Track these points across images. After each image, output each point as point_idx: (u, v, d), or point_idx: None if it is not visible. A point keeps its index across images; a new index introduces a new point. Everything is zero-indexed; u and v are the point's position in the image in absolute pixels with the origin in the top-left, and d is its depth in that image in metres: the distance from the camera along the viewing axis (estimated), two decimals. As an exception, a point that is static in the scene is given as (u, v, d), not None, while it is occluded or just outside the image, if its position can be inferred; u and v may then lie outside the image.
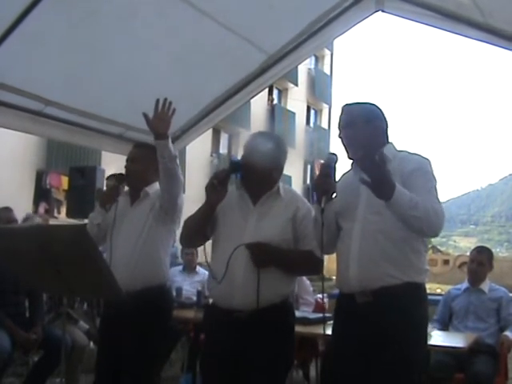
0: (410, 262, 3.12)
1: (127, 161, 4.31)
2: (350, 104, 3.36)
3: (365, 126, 3.24)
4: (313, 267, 3.59)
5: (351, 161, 3.36)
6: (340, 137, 3.30)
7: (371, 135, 3.26)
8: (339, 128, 3.31)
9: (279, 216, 3.51)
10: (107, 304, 4.25)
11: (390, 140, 3.35)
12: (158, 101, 3.71)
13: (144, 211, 4.17)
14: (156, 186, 4.29)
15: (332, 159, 3.18)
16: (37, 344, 5.15)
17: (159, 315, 4.16)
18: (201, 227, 3.58)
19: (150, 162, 4.25)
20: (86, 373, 5.44)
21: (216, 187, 3.44)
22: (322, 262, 3.52)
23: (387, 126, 3.35)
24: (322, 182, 3.14)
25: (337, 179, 3.24)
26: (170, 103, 3.71)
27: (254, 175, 3.51)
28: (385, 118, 3.35)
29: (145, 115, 3.71)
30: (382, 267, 3.07)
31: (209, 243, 3.72)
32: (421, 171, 3.15)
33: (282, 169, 3.66)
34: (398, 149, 3.34)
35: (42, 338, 5.14)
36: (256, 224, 3.49)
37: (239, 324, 3.39)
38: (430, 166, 3.21)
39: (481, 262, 5.65)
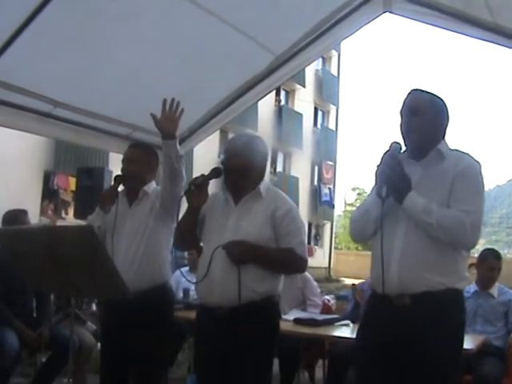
0: (453, 268, 3.03)
1: (124, 161, 4.30)
2: (420, 90, 3.23)
3: (433, 119, 3.15)
4: (294, 265, 3.66)
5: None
6: (401, 123, 3.18)
7: (435, 129, 3.17)
8: (402, 112, 3.19)
9: (258, 215, 3.55)
10: (109, 305, 4.24)
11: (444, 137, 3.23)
12: (165, 101, 3.74)
13: (144, 211, 4.18)
14: (153, 185, 4.31)
15: (396, 148, 3.09)
16: (44, 344, 5.16)
17: (162, 314, 4.20)
18: (189, 230, 3.66)
19: (147, 161, 4.29)
20: (93, 373, 5.44)
21: (193, 192, 3.51)
22: (304, 259, 3.61)
23: (448, 124, 3.23)
24: (385, 171, 3.03)
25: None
26: (178, 103, 3.74)
27: (233, 177, 3.57)
28: (448, 115, 3.22)
29: (153, 115, 3.74)
30: (425, 271, 2.96)
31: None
32: (467, 175, 3.03)
33: (261, 169, 3.68)
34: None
35: (48, 338, 5.15)
36: (236, 223, 3.55)
37: (221, 321, 3.45)
38: (480, 169, 3.07)
39: (499, 268, 5.60)
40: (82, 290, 3.68)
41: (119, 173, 4.32)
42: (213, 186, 3.60)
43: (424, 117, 3.12)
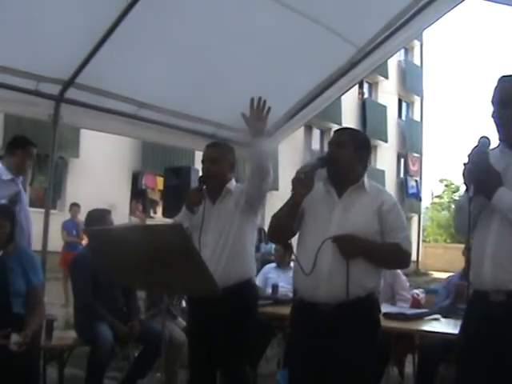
0: None
1: (205, 162, 4.32)
2: (508, 76, 3.04)
3: None
4: (401, 260, 3.59)
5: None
6: (493, 116, 3.02)
7: None
8: (494, 102, 3.02)
9: (364, 208, 3.49)
10: (196, 300, 4.28)
11: None
12: (252, 99, 3.80)
13: (229, 208, 4.21)
14: (234, 182, 4.34)
15: (484, 144, 2.95)
16: (135, 337, 5.27)
17: (249, 309, 4.24)
18: (288, 222, 3.57)
19: (228, 160, 4.32)
20: (184, 368, 5.54)
21: (302, 181, 3.45)
22: (409, 254, 3.55)
23: None
24: (471, 170, 2.91)
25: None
26: (265, 102, 3.79)
27: (338, 169, 3.53)
28: None
29: (243, 115, 3.82)
30: None
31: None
32: None
33: (365, 161, 3.64)
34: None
35: (139, 332, 5.25)
36: (341, 216, 3.48)
37: (324, 317, 3.39)
38: None
39: None
40: (173, 288, 3.74)
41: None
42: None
43: (510, 108, 2.95)
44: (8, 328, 4.16)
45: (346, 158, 3.50)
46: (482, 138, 2.97)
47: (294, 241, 3.68)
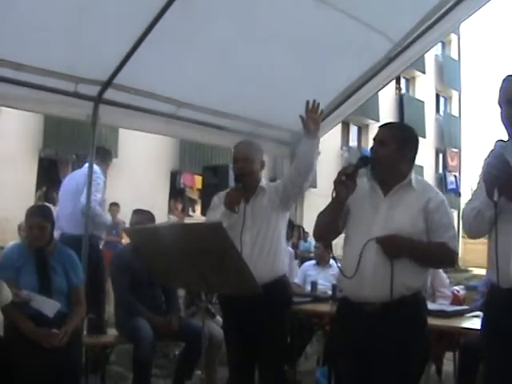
0: None
1: (239, 161, 4.29)
2: None
3: None
4: (447, 259, 3.52)
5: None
6: (501, 116, 2.98)
7: None
8: (500, 102, 2.98)
9: (410, 206, 3.41)
10: (229, 300, 4.26)
11: None
12: (307, 102, 3.92)
13: (263, 206, 4.22)
14: (264, 180, 4.36)
15: (501, 147, 2.89)
16: (174, 332, 5.29)
17: (285, 305, 4.27)
18: (331, 222, 3.52)
19: (258, 158, 4.34)
20: (223, 366, 5.56)
21: (345, 183, 3.39)
22: (456, 253, 3.47)
23: None
24: (493, 174, 2.85)
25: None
26: (318, 104, 3.93)
27: (384, 166, 3.45)
28: None
29: (301, 117, 3.94)
30: None
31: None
32: None
33: (411, 158, 3.56)
34: None
35: (179, 330, 5.27)
36: (386, 214, 3.42)
37: (369, 317, 3.34)
38: None
39: None
40: (213, 287, 3.75)
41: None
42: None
43: None
44: (51, 325, 4.24)
45: (387, 157, 3.43)
46: (498, 141, 2.92)
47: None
